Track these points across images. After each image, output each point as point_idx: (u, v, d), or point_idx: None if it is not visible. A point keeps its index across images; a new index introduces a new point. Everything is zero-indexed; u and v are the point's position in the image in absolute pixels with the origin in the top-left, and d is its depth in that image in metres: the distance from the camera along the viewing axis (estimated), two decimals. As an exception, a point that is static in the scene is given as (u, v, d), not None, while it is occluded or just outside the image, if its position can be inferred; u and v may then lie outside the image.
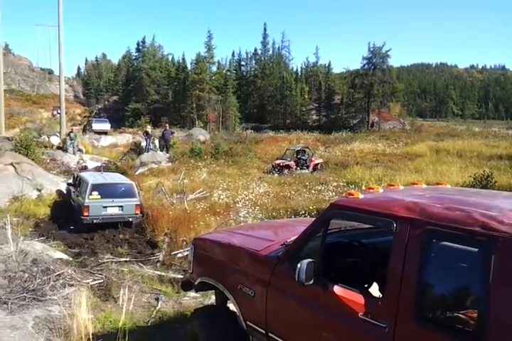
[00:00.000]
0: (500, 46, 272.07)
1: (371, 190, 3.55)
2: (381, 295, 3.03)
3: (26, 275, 6.35)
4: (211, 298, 6.24)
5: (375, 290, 3.37)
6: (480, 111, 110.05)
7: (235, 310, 4.13)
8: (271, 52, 66.30)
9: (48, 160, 21.18)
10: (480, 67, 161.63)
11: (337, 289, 3.10)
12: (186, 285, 5.07)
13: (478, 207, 2.73)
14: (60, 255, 8.51)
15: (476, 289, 2.53)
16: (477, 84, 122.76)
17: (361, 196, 3.32)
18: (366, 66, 49.63)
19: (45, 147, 23.76)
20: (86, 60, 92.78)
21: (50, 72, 61.53)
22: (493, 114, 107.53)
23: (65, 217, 12.10)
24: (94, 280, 7.21)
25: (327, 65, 64.61)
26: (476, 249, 2.51)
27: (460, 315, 2.55)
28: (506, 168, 17.64)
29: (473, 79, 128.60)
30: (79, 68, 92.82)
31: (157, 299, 6.88)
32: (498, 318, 2.30)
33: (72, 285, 6.51)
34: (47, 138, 25.85)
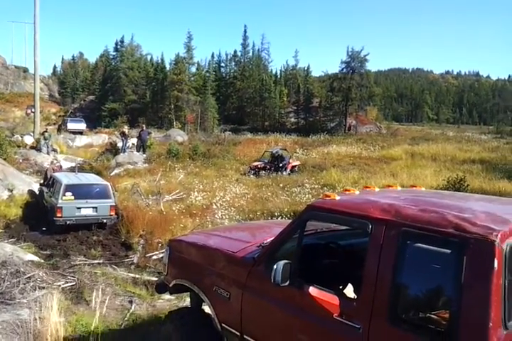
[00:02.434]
0: (474, 53, 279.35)
1: (347, 192, 3.57)
2: (356, 296, 3.04)
3: (-6, 277, 6.16)
4: (186, 301, 6.18)
5: (350, 291, 3.38)
6: (454, 116, 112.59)
7: (209, 312, 4.09)
8: (251, 54, 66.26)
9: (21, 160, 20.71)
10: (455, 73, 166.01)
11: (312, 290, 3.09)
12: (161, 288, 5.00)
13: (452, 209, 2.78)
14: (30, 257, 8.28)
15: (448, 290, 2.57)
16: (452, 89, 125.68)
17: (338, 198, 3.33)
18: (344, 70, 50.12)
19: (18, 146, 23.22)
20: (62, 59, 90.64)
21: (25, 70, 59.94)
22: (467, 119, 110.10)
23: (37, 218, 11.83)
24: (66, 282, 7.06)
25: (306, 68, 65.12)
26: (449, 250, 2.55)
27: (433, 316, 2.58)
28: (479, 171, 18.07)
29: (448, 85, 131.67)
30: (55, 67, 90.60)
31: (131, 302, 6.77)
32: (469, 318, 2.33)
33: (43, 287, 6.35)
34: (20, 138, 25.27)
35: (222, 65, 66.10)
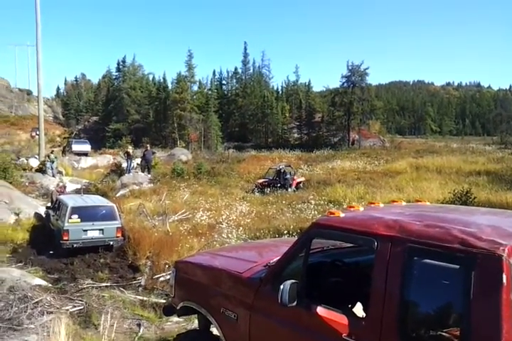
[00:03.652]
0: (475, 64, 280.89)
1: (352, 209, 3.57)
2: (364, 315, 3.01)
3: (2, 303, 6.15)
4: (194, 323, 6.12)
5: (358, 310, 3.34)
6: (457, 127, 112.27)
7: (218, 334, 4.05)
8: (251, 71, 67.21)
9: (27, 183, 20.83)
10: (456, 84, 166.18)
11: (320, 310, 3.06)
12: (168, 310, 4.96)
13: (457, 223, 2.76)
14: (38, 281, 8.26)
15: (457, 306, 2.53)
16: (454, 101, 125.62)
17: (342, 215, 3.32)
18: (345, 84, 50.50)
19: (24, 170, 23.38)
20: (65, 80, 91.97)
21: (29, 92, 60.62)
22: (470, 130, 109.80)
23: (44, 242, 11.82)
24: (74, 306, 7.03)
25: (307, 83, 65.82)
26: (457, 266, 2.52)
27: (443, 333, 2.54)
28: (485, 183, 17.92)
29: (450, 97, 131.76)
30: (58, 88, 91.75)
31: (139, 325, 6.71)
32: (480, 335, 2.29)
33: (51, 312, 6.31)
34: (25, 161, 25.47)
35: (224, 82, 67.02)
